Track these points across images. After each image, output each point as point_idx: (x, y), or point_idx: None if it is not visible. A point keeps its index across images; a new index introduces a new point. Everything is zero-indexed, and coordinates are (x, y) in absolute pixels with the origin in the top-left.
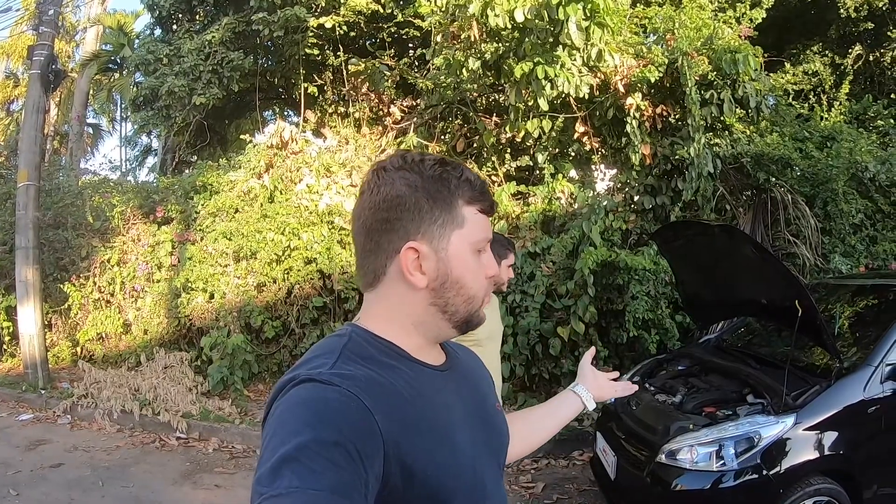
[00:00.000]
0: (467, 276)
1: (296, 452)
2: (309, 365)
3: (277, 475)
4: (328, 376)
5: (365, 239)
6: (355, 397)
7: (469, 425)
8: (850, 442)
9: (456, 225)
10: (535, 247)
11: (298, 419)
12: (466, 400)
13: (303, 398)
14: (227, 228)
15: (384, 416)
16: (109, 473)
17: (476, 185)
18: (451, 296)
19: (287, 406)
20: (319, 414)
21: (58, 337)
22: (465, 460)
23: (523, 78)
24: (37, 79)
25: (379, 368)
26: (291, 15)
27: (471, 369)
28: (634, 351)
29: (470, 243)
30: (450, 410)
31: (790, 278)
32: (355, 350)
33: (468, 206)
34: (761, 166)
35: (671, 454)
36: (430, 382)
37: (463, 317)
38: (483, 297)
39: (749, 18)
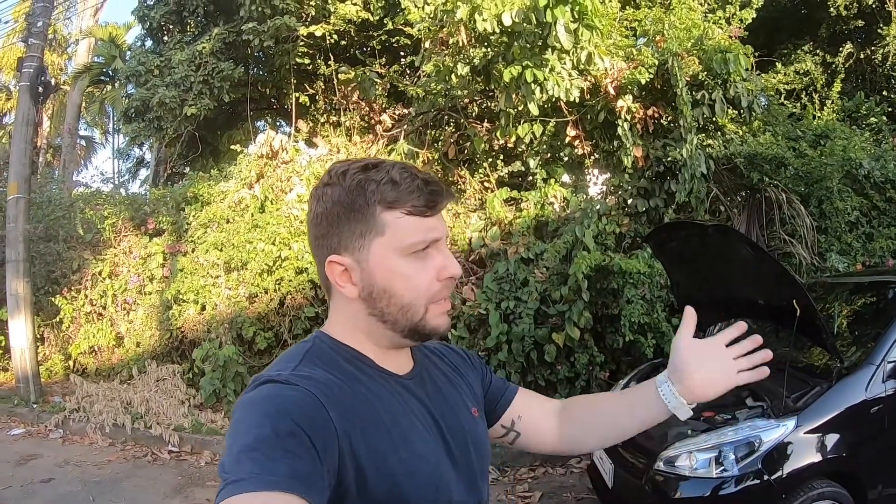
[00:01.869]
0: (396, 285)
1: (254, 443)
2: (273, 368)
3: (238, 463)
4: (287, 377)
5: (313, 253)
6: (311, 394)
7: (434, 434)
8: (853, 443)
9: (376, 233)
10: (529, 252)
11: (257, 413)
12: (434, 409)
13: (263, 396)
14: (217, 239)
15: (339, 415)
16: (100, 488)
17: (402, 185)
18: (384, 305)
19: (247, 403)
20: (276, 407)
21: (50, 350)
22: (426, 467)
23: (512, 82)
24: (26, 91)
25: (339, 372)
26: (281, 24)
27: (444, 376)
28: (631, 356)
29: (395, 249)
30: (410, 418)
31: (787, 278)
32: (318, 355)
33: (389, 212)
34: (755, 166)
35: (669, 461)
36: (391, 389)
37: (405, 326)
38: (424, 306)
39: (739, 19)
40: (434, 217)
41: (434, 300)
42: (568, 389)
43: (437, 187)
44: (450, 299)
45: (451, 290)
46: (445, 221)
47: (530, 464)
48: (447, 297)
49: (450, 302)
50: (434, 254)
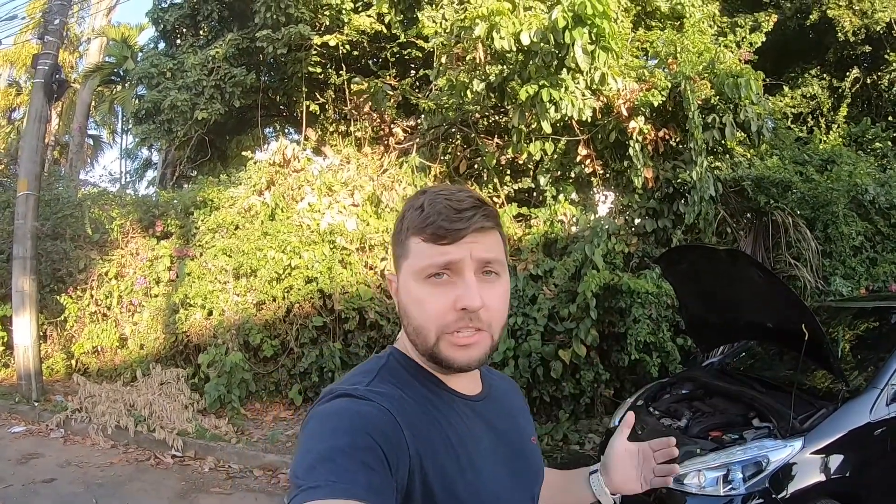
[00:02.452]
0: (410, 308)
1: (330, 453)
2: (348, 382)
3: (313, 471)
4: (363, 392)
5: None
6: (387, 411)
7: (498, 457)
8: (857, 464)
9: (405, 256)
10: (538, 269)
11: (334, 426)
12: (499, 432)
13: (339, 409)
14: (227, 245)
15: (412, 434)
16: (103, 491)
17: (424, 212)
18: (405, 323)
19: (324, 414)
20: (353, 422)
21: (53, 349)
22: (491, 489)
23: (528, 100)
24: (40, 88)
25: (411, 391)
26: (295, 33)
27: (509, 401)
28: (636, 374)
29: (412, 273)
30: (477, 440)
31: (796, 302)
32: (391, 372)
33: (412, 238)
34: (762, 189)
35: (678, 479)
36: (459, 411)
37: (422, 349)
38: (435, 333)
39: (749, 43)
40: (453, 244)
41: (447, 330)
42: (573, 406)
43: (463, 214)
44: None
45: (469, 321)
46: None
47: None
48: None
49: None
50: (457, 282)
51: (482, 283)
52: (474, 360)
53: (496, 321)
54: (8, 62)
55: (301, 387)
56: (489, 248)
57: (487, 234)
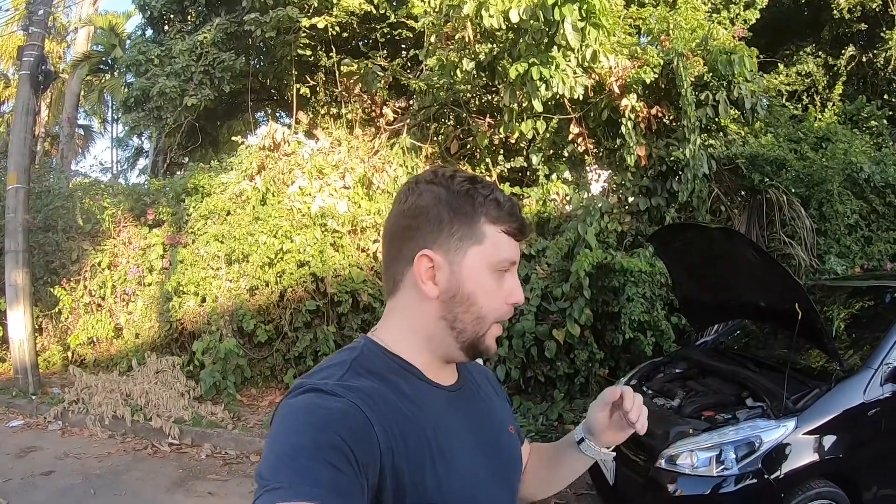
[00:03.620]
0: (479, 294)
1: (295, 451)
2: (318, 375)
3: (277, 471)
4: (333, 387)
5: (389, 246)
6: (357, 407)
7: (474, 448)
8: (851, 445)
9: (475, 241)
10: (531, 249)
11: (300, 422)
12: (474, 422)
13: (307, 404)
14: (218, 231)
15: (383, 430)
16: (101, 481)
17: (504, 206)
18: (461, 311)
19: (291, 410)
20: (321, 419)
21: (48, 341)
22: (464, 482)
23: (518, 79)
24: (26, 80)
25: (385, 385)
26: (283, 15)
27: (485, 390)
28: (630, 353)
29: (488, 262)
30: (452, 432)
31: (790, 282)
32: (364, 364)
33: (491, 225)
34: (756, 167)
35: (671, 459)
36: (435, 402)
37: (469, 337)
38: (492, 321)
39: (743, 19)
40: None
41: (498, 320)
42: (567, 385)
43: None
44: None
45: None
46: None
47: None
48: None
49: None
50: (509, 278)
51: None
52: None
53: None
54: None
55: (296, 371)
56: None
57: None
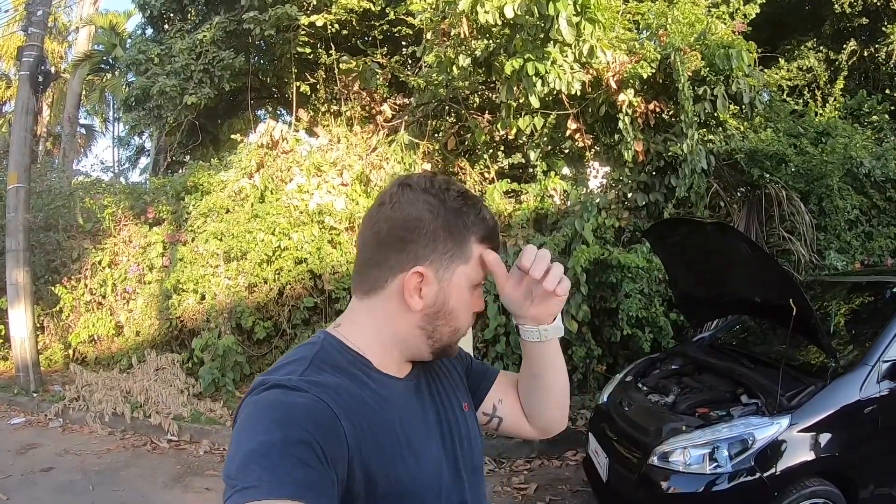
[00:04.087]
0: (460, 310)
1: (264, 449)
2: (280, 371)
3: (246, 470)
4: (297, 382)
5: (375, 249)
6: (323, 402)
7: (434, 435)
8: (846, 443)
9: (463, 260)
10: (528, 245)
11: (267, 419)
12: (431, 410)
13: (271, 401)
14: (217, 229)
15: (349, 423)
16: (100, 477)
17: (489, 226)
18: (441, 324)
19: (256, 407)
20: (288, 415)
21: (50, 339)
22: (430, 469)
23: (514, 75)
24: (26, 80)
25: (347, 378)
26: (283, 13)
27: (437, 375)
28: (628, 349)
29: (470, 280)
30: (414, 421)
31: (784, 277)
32: (325, 359)
33: (478, 244)
34: (755, 162)
35: (664, 456)
36: (396, 394)
37: (443, 345)
38: (464, 331)
39: (743, 14)
40: None
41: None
42: None
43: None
44: None
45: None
46: None
47: (527, 455)
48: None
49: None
50: (478, 290)
51: None
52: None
53: None
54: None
55: None
56: None
57: None
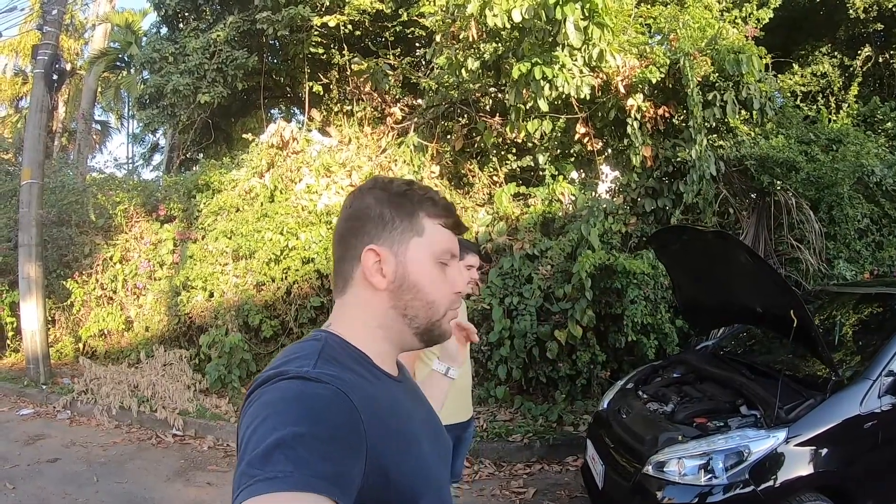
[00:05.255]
0: (424, 281)
1: (290, 441)
2: (292, 364)
3: (270, 460)
4: (316, 374)
5: (337, 247)
6: (344, 394)
7: (428, 433)
8: (845, 458)
9: (415, 233)
10: (534, 249)
11: (293, 410)
12: (420, 410)
13: (296, 392)
14: (227, 227)
15: (367, 418)
16: (104, 469)
17: (439, 203)
18: (409, 298)
19: (279, 397)
20: (314, 408)
21: (60, 333)
22: (429, 466)
23: (521, 78)
24: (41, 78)
25: (354, 373)
26: (296, 14)
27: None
28: (633, 356)
29: (429, 251)
30: (412, 419)
31: (784, 287)
32: (331, 354)
33: (429, 219)
34: (765, 169)
35: (658, 466)
36: (395, 392)
37: (423, 324)
38: (445, 309)
39: (756, 18)
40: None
41: (451, 308)
42: (569, 387)
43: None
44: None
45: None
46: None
47: (527, 460)
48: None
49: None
50: (451, 269)
51: None
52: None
53: None
54: (13, 52)
55: None
56: None
57: None
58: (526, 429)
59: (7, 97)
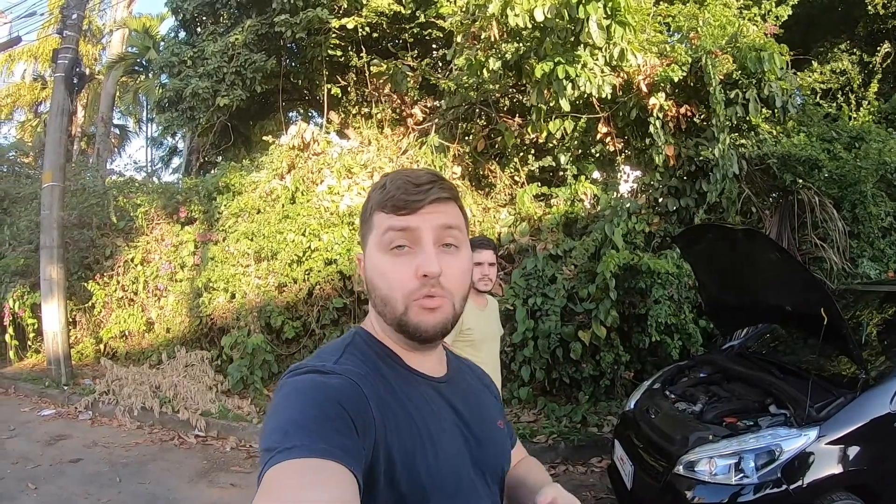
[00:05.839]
0: (375, 279)
1: (301, 419)
2: (316, 359)
3: (286, 435)
4: (330, 368)
5: None
6: (355, 384)
7: (459, 438)
8: (875, 456)
9: (370, 232)
10: (557, 249)
11: (304, 396)
12: (461, 413)
13: (307, 382)
14: (248, 229)
15: (377, 407)
16: (127, 470)
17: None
18: (373, 296)
19: (293, 387)
20: (324, 393)
21: (82, 334)
22: (449, 468)
23: (544, 78)
24: (61, 82)
25: (374, 368)
26: (314, 16)
27: (474, 385)
28: (657, 356)
29: (376, 245)
30: (438, 419)
31: (816, 285)
32: (356, 350)
33: (378, 212)
34: (788, 167)
35: (689, 465)
36: (421, 390)
37: (391, 320)
38: (404, 301)
39: (775, 16)
40: (413, 214)
41: (413, 297)
42: (592, 388)
43: (421, 188)
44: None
45: (432, 288)
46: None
47: (551, 461)
48: (430, 294)
49: (440, 300)
50: (416, 252)
51: (442, 254)
52: (440, 325)
53: (457, 290)
54: (32, 57)
55: None
56: (451, 220)
57: (445, 205)
58: (550, 430)
59: (26, 102)
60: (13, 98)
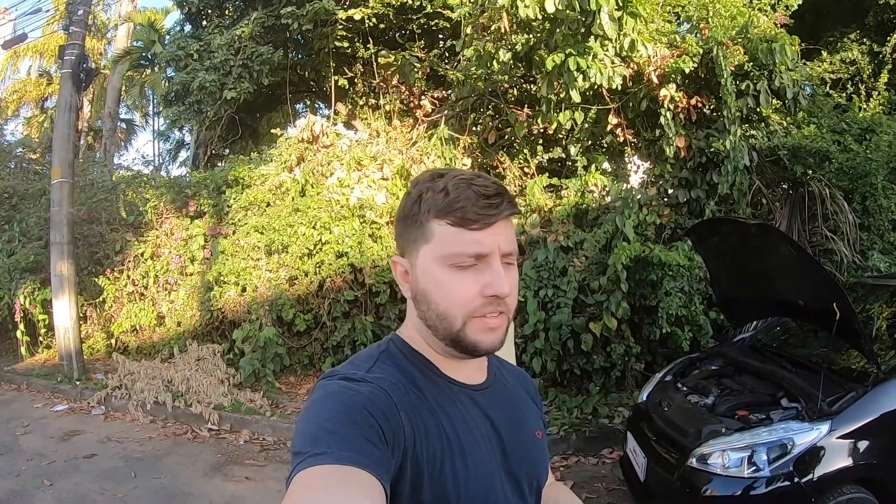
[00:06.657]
0: (431, 290)
1: (331, 425)
2: (349, 367)
3: (315, 441)
4: (362, 376)
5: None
6: (385, 392)
7: (493, 448)
8: (886, 450)
9: (424, 240)
10: (568, 241)
11: (334, 403)
12: (498, 423)
13: (338, 390)
14: (258, 222)
15: (407, 416)
16: (141, 465)
17: (451, 196)
18: (425, 309)
19: (324, 393)
20: (353, 400)
21: (93, 329)
22: (481, 481)
23: (555, 69)
24: (68, 78)
25: (408, 377)
26: (320, 8)
27: (515, 393)
28: (667, 348)
29: (435, 257)
30: (471, 429)
31: (828, 280)
32: (390, 358)
33: (436, 220)
34: (798, 159)
35: (702, 458)
36: (455, 398)
37: (445, 334)
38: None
39: (785, 6)
40: (483, 231)
41: (475, 315)
42: (603, 379)
43: (493, 201)
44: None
45: (498, 307)
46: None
47: (563, 452)
48: (494, 313)
49: (503, 319)
50: (483, 268)
51: (505, 271)
52: (498, 342)
53: (513, 306)
54: (38, 53)
55: (334, 360)
56: (512, 238)
57: (510, 222)
58: (562, 421)
59: (32, 98)
60: (19, 94)
